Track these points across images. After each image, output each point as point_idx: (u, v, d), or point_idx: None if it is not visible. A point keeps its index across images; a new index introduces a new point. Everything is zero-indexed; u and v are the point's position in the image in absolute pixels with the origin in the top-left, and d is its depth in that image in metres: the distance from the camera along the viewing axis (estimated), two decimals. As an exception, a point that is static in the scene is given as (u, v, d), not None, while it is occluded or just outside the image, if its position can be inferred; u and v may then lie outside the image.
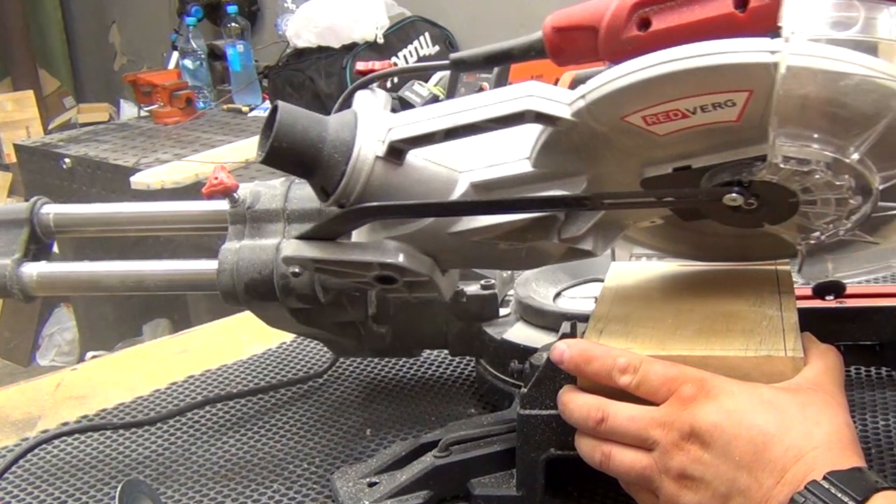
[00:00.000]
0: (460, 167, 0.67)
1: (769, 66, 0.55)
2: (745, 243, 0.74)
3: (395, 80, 2.51)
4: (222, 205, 0.80)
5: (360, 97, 0.73)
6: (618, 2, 0.62)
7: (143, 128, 2.91)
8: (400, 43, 2.71)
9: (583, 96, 0.60)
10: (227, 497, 0.76)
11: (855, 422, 0.61)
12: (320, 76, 2.57)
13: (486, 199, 0.67)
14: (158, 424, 0.88)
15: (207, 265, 0.79)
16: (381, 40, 2.65)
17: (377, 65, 0.75)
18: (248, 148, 2.50)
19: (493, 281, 0.86)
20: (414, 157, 0.65)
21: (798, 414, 0.59)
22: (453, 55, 0.72)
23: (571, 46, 0.66)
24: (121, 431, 0.87)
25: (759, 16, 0.59)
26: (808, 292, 0.80)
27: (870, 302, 0.80)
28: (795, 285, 0.74)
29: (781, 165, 0.60)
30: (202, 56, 3.08)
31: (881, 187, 0.61)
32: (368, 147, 0.64)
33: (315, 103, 2.52)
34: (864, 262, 0.71)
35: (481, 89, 2.09)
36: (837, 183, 0.60)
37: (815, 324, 0.69)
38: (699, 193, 0.64)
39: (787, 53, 0.55)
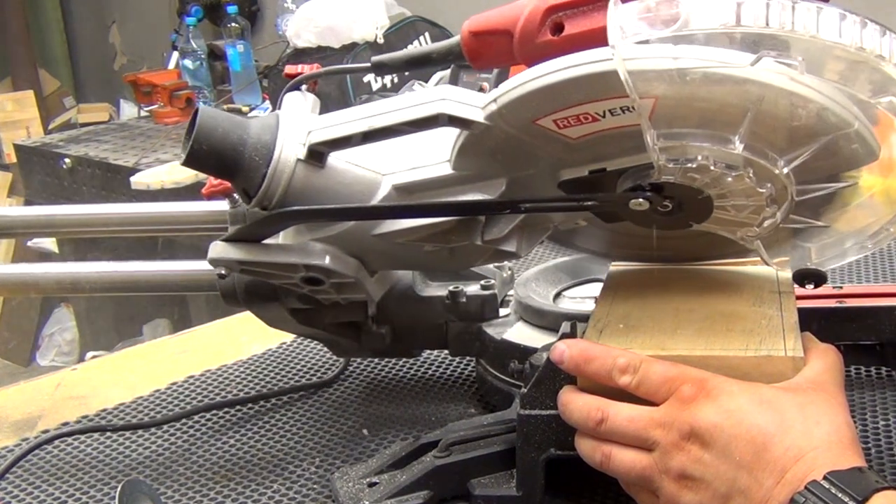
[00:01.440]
0: (383, 169, 0.67)
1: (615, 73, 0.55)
2: (680, 245, 0.74)
3: (396, 79, 2.51)
4: (222, 205, 0.80)
5: (289, 100, 0.73)
6: (531, 6, 0.63)
7: (143, 128, 2.91)
8: (400, 43, 2.71)
9: (495, 100, 0.61)
10: (227, 497, 0.76)
11: (855, 422, 0.61)
12: (320, 76, 2.57)
13: (407, 201, 0.67)
14: (159, 425, 0.88)
15: (208, 265, 0.79)
16: (381, 40, 2.65)
17: (305, 67, 0.76)
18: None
19: (493, 281, 0.86)
20: (336, 159, 0.66)
21: (798, 414, 0.59)
22: (374, 58, 0.73)
23: (488, 50, 0.66)
24: (121, 431, 0.87)
25: None
26: (808, 292, 0.80)
27: (870, 302, 0.80)
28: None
29: (669, 166, 0.60)
30: (202, 56, 3.08)
31: (787, 170, 0.60)
32: (289, 150, 0.65)
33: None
34: (837, 245, 0.70)
35: (481, 89, 2.09)
36: (735, 175, 0.60)
37: (816, 324, 0.70)
38: (608, 199, 0.65)
39: (618, 59, 0.55)
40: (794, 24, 0.55)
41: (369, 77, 2.59)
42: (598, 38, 0.59)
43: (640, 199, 0.63)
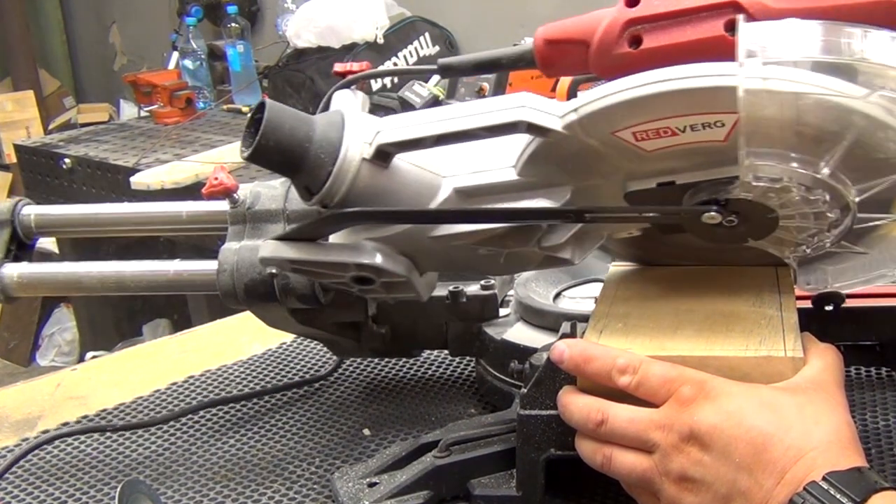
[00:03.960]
0: (444, 172, 0.67)
1: (732, 90, 0.56)
2: (725, 257, 0.75)
3: (396, 80, 2.51)
4: (222, 205, 0.80)
5: (341, 98, 0.73)
6: (610, 18, 0.63)
7: (143, 128, 2.91)
8: (400, 43, 2.71)
9: (575, 110, 0.61)
10: (227, 497, 0.76)
11: (855, 422, 0.61)
12: (320, 76, 2.57)
13: (469, 205, 0.67)
14: (158, 425, 0.88)
15: (207, 265, 0.79)
16: (381, 40, 2.65)
17: (355, 66, 0.75)
18: (248, 148, 2.49)
19: (493, 281, 0.86)
20: (399, 160, 0.66)
21: (797, 414, 0.59)
22: (441, 60, 0.72)
23: (562, 59, 0.66)
24: (121, 432, 0.87)
25: None
26: (809, 293, 0.80)
27: (870, 302, 0.80)
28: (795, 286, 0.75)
29: (754, 184, 0.61)
30: (202, 56, 3.08)
31: (858, 200, 0.62)
32: (355, 148, 0.64)
33: (315, 103, 2.52)
34: (860, 271, 0.72)
35: (481, 90, 2.09)
36: (812, 198, 0.61)
37: (815, 324, 0.70)
38: (680, 211, 0.65)
39: (743, 77, 0.56)
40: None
41: (369, 77, 2.58)
42: (676, 54, 0.60)
43: (713, 213, 0.63)
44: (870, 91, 0.57)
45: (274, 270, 0.72)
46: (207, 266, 0.79)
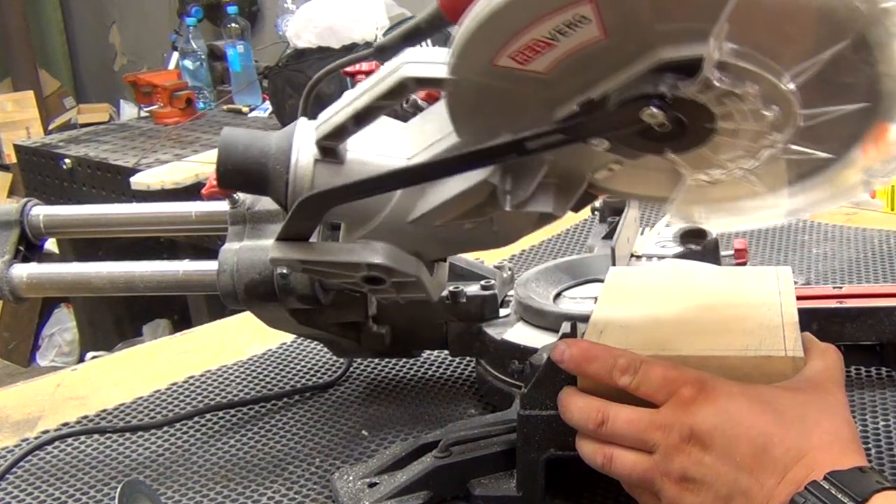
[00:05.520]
0: (405, 154, 0.66)
1: None
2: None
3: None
4: (222, 205, 0.80)
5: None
6: None
7: (143, 128, 2.91)
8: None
9: (452, 52, 0.57)
10: (227, 498, 0.76)
11: (855, 422, 0.61)
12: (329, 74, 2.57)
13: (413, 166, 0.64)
14: (164, 427, 0.88)
15: (207, 266, 0.79)
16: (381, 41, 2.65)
17: (364, 67, 0.75)
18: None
19: (493, 281, 0.86)
20: (357, 153, 0.65)
21: (798, 414, 0.59)
22: (377, 43, 0.71)
23: (465, 5, 0.64)
24: (121, 433, 0.87)
25: None
26: (808, 293, 0.80)
27: (870, 302, 0.80)
28: (795, 285, 0.75)
29: (715, 83, 0.54)
30: (202, 56, 3.08)
31: (804, 125, 0.56)
32: (305, 152, 0.64)
33: (316, 104, 2.52)
34: (734, 212, 0.64)
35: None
36: (765, 112, 0.55)
37: (816, 324, 0.70)
38: (614, 117, 0.59)
39: None
40: None
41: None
42: None
43: (654, 111, 0.56)
44: None
45: (285, 271, 0.72)
46: (208, 266, 0.79)
